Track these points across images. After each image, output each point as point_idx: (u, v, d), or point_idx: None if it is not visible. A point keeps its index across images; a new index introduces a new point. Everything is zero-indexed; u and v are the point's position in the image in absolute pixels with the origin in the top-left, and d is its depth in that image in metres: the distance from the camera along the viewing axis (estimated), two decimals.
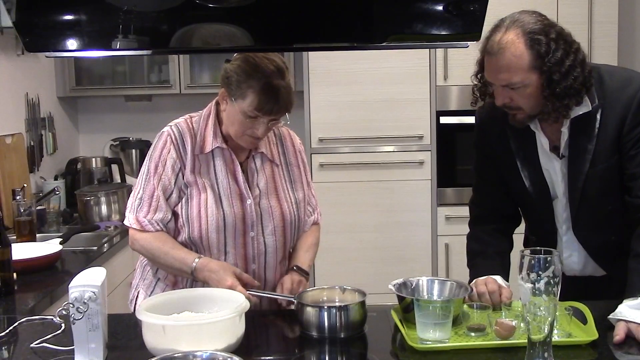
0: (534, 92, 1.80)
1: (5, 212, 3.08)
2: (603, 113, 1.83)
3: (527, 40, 1.76)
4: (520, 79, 1.78)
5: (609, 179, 1.87)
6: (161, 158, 1.96)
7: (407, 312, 1.73)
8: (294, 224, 2.03)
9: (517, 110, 1.85)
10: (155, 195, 1.94)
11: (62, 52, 1.49)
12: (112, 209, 3.47)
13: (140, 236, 1.96)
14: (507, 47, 1.77)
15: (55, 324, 1.75)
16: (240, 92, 1.87)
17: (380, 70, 3.86)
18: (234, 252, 1.96)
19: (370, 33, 1.49)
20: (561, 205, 1.95)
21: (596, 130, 1.84)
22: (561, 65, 1.76)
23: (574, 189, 1.90)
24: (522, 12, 1.83)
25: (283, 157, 2.08)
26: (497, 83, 1.82)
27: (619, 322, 1.63)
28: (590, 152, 1.85)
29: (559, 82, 1.77)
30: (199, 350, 1.45)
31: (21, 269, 2.32)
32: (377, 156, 3.93)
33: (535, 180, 1.95)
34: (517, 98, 1.81)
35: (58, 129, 3.99)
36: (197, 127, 1.99)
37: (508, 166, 1.98)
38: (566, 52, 1.78)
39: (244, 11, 1.45)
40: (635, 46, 4.00)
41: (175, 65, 4.08)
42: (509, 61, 1.77)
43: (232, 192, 1.96)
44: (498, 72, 1.80)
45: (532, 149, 1.94)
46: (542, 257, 1.38)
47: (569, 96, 1.78)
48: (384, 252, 3.92)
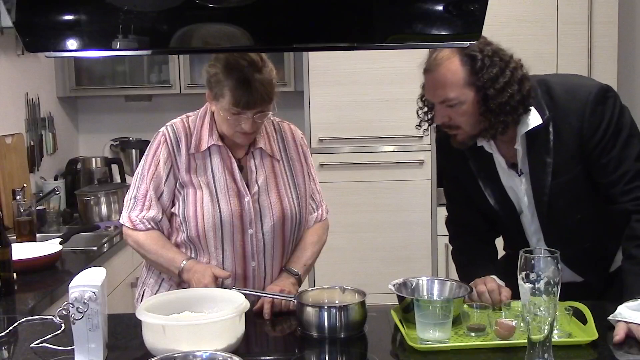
0: (470, 109, 1.80)
1: (5, 212, 3.08)
2: (555, 124, 1.82)
3: (462, 56, 1.78)
4: (456, 94, 1.78)
5: (574, 190, 1.86)
6: (154, 158, 1.98)
7: (407, 312, 1.73)
8: (294, 220, 2.02)
9: (456, 130, 1.84)
10: (148, 196, 1.97)
11: (62, 52, 1.48)
12: (112, 209, 3.46)
13: (132, 234, 2.00)
14: (442, 63, 1.79)
15: (55, 324, 1.75)
16: (219, 92, 1.89)
17: (380, 70, 3.86)
18: (232, 250, 1.96)
19: (370, 33, 1.49)
20: (527, 219, 1.95)
21: (551, 142, 1.83)
22: (495, 82, 1.76)
23: (539, 202, 1.89)
24: None
25: (284, 153, 2.07)
26: (435, 100, 1.83)
27: (619, 322, 1.63)
28: (550, 165, 1.84)
29: (494, 98, 1.77)
30: (199, 350, 1.45)
31: (21, 269, 2.32)
32: (377, 156, 3.93)
33: (500, 198, 1.95)
34: (455, 116, 1.81)
35: (58, 129, 3.99)
36: (194, 126, 2.00)
37: (472, 186, 1.98)
38: (501, 69, 1.78)
39: (244, 11, 1.45)
40: (635, 46, 4.00)
41: (175, 65, 4.08)
42: (444, 77, 1.79)
43: (229, 190, 1.96)
44: (435, 88, 1.82)
45: (491, 168, 1.93)
46: (542, 257, 1.38)
47: (504, 113, 1.78)
48: (384, 252, 3.92)
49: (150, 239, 1.98)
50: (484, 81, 1.76)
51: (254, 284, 2.00)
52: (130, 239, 2.02)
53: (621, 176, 1.80)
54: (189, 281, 1.92)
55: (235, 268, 1.97)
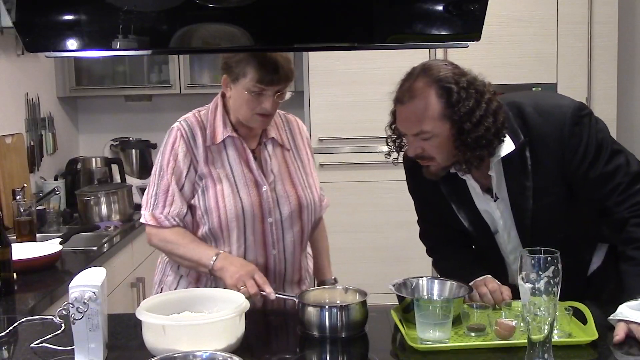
0: (445, 142, 1.75)
1: (5, 212, 3.08)
2: (532, 148, 1.78)
3: (437, 88, 1.72)
4: (431, 127, 1.73)
5: (557, 211, 1.83)
6: (172, 153, 1.98)
7: (407, 312, 1.73)
8: (310, 207, 2.05)
9: (429, 161, 1.80)
10: (170, 190, 1.96)
11: (62, 52, 1.49)
12: (112, 209, 3.46)
13: (158, 232, 1.98)
14: (416, 95, 1.73)
15: (55, 324, 1.74)
16: (241, 71, 1.90)
17: (380, 70, 3.86)
18: (254, 239, 1.98)
19: (370, 33, 1.50)
20: (503, 239, 1.92)
21: (529, 167, 1.79)
22: (472, 115, 1.71)
23: (521, 225, 1.86)
24: (433, 60, 1.80)
25: (293, 143, 2.11)
26: (408, 132, 1.78)
27: (619, 322, 1.63)
28: (530, 189, 1.80)
29: (470, 132, 1.71)
30: (199, 350, 1.45)
31: (21, 269, 2.31)
32: (377, 156, 3.92)
33: (473, 219, 1.92)
34: (429, 148, 1.77)
35: (58, 129, 3.99)
36: (206, 119, 2.02)
37: (443, 208, 1.94)
38: (477, 101, 1.72)
39: (244, 11, 1.45)
40: (635, 46, 4.00)
41: (175, 65, 4.08)
42: (419, 110, 1.73)
43: (248, 180, 1.98)
44: (408, 121, 1.77)
45: (464, 192, 1.89)
46: (542, 257, 1.38)
47: (480, 147, 1.73)
48: (384, 252, 3.92)
49: (178, 234, 1.96)
50: (460, 115, 1.71)
51: (274, 272, 2.02)
52: (155, 238, 1.99)
53: (613, 190, 1.77)
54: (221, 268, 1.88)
55: (257, 257, 1.99)
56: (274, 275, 2.02)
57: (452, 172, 1.85)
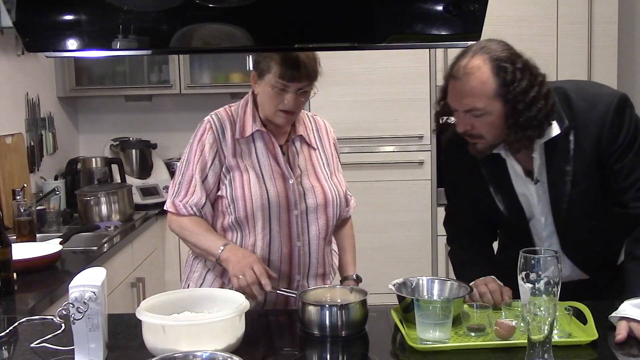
0: (496, 121, 1.78)
1: (5, 212, 3.08)
2: (576, 134, 1.82)
3: (494, 67, 1.75)
4: (484, 105, 1.76)
5: (592, 198, 1.86)
6: (199, 144, 2.04)
7: (407, 312, 1.73)
8: (335, 202, 2.09)
9: (477, 139, 1.83)
10: (193, 180, 2.02)
11: (62, 52, 1.49)
12: (112, 209, 3.46)
13: (176, 219, 2.05)
14: (472, 72, 1.75)
15: (55, 324, 1.75)
16: (266, 66, 1.95)
17: (380, 70, 3.86)
18: (279, 230, 2.01)
19: (370, 33, 1.50)
20: (539, 224, 1.94)
21: (571, 151, 1.83)
22: (525, 95, 1.75)
23: (557, 210, 1.89)
24: (489, 40, 1.80)
25: (319, 143, 2.16)
26: (460, 109, 1.80)
27: (620, 321, 1.63)
28: (569, 174, 1.84)
29: (523, 112, 1.75)
30: (199, 350, 1.45)
31: (21, 269, 2.31)
32: (377, 156, 3.93)
33: (510, 204, 1.94)
34: (478, 126, 1.79)
35: (58, 129, 3.99)
36: (236, 114, 2.07)
37: (480, 191, 1.96)
38: (531, 83, 1.76)
39: (244, 11, 1.45)
40: (635, 46, 4.00)
41: (175, 65, 4.07)
42: (474, 86, 1.75)
43: (274, 173, 2.03)
44: (462, 97, 1.78)
45: (504, 174, 1.92)
46: (542, 257, 1.38)
47: (531, 127, 1.77)
48: (384, 252, 3.92)
49: (194, 222, 2.03)
50: (514, 94, 1.74)
51: (299, 264, 2.05)
52: (174, 224, 2.07)
53: (633, 183, 1.81)
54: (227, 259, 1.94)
55: (282, 248, 2.02)
56: (298, 267, 2.05)
57: (494, 154, 1.88)
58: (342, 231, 2.25)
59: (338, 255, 2.23)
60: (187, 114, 4.18)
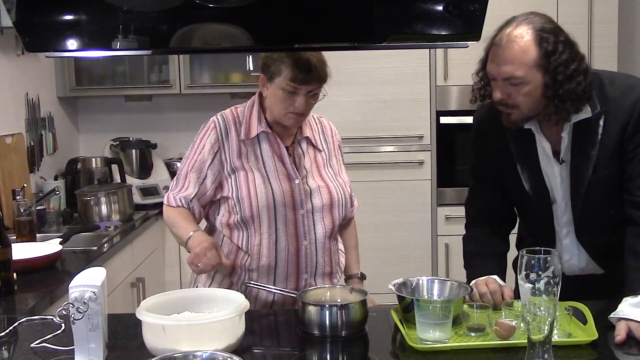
0: (534, 92, 1.79)
1: (5, 212, 3.08)
2: (606, 119, 1.83)
3: (536, 36, 1.77)
4: (523, 74, 1.77)
5: (611, 185, 1.87)
6: (200, 143, 2.07)
7: (407, 312, 1.73)
8: (341, 202, 2.11)
9: (512, 109, 1.83)
10: (188, 177, 2.07)
11: (62, 52, 1.49)
12: (112, 209, 3.46)
13: (166, 209, 2.12)
14: (515, 40, 1.77)
15: (55, 324, 1.75)
16: (276, 69, 1.97)
17: (380, 70, 3.86)
18: (285, 229, 2.02)
19: (370, 33, 1.49)
20: (560, 209, 1.95)
21: (599, 136, 1.84)
22: (566, 68, 1.77)
23: (576, 194, 1.90)
24: (534, 13, 1.83)
25: (325, 144, 2.18)
26: (499, 76, 1.81)
27: (619, 321, 1.63)
28: (593, 158, 1.85)
29: (563, 84, 1.77)
30: (199, 350, 1.45)
31: (21, 269, 2.32)
32: (377, 156, 3.93)
33: (536, 183, 1.95)
34: (515, 95, 1.80)
35: (58, 129, 3.99)
36: (242, 115, 2.09)
37: (507, 169, 1.98)
38: (572, 57, 1.78)
39: (244, 11, 1.45)
40: (635, 46, 4.00)
41: (175, 65, 4.07)
42: (515, 54, 1.77)
43: (280, 173, 2.05)
44: (502, 64, 1.79)
45: (532, 152, 1.93)
46: (542, 257, 1.38)
47: (571, 100, 1.78)
48: (384, 252, 3.92)
49: (178, 213, 2.07)
50: (555, 65, 1.76)
51: (306, 263, 2.05)
52: (164, 214, 2.14)
53: None
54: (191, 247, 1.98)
55: (289, 246, 2.03)
56: (306, 266, 2.06)
57: (525, 130, 1.89)
58: (346, 231, 2.27)
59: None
60: (187, 114, 4.20)
